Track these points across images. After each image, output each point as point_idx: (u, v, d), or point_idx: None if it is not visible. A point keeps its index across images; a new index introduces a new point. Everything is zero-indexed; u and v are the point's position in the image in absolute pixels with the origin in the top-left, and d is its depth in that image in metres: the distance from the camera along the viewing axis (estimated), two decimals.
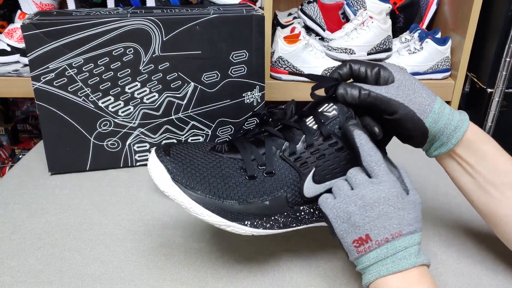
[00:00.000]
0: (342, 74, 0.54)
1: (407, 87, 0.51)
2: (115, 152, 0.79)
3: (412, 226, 0.46)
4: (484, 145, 0.52)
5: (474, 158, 0.52)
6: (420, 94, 0.51)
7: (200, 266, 0.57)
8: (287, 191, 0.51)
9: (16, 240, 0.61)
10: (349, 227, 0.46)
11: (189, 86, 0.77)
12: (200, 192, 0.49)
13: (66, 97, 0.73)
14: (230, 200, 0.50)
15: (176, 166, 0.50)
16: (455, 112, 0.52)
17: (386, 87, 0.51)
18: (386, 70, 0.53)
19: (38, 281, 0.54)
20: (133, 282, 0.54)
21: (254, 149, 0.52)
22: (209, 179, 0.50)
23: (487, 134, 0.53)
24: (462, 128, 0.51)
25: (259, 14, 0.75)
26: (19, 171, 0.79)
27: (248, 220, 0.50)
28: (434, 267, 0.57)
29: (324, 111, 0.52)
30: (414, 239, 0.46)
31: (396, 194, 0.46)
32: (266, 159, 0.51)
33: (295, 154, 0.51)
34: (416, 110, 0.50)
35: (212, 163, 0.51)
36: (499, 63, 1.13)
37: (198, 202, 0.48)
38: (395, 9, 1.21)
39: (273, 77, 1.11)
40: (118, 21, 0.70)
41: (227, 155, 0.53)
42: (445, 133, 0.52)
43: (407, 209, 0.46)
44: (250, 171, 0.51)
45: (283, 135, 0.53)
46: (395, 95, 0.50)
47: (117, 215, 0.67)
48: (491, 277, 0.56)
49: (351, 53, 1.09)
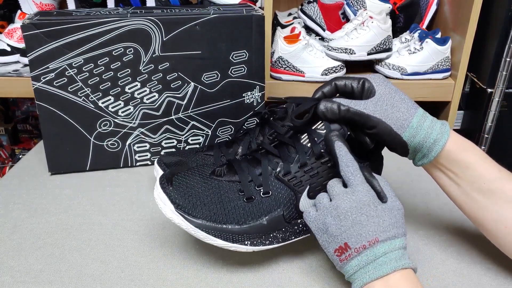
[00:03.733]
0: (325, 93, 0.56)
1: (385, 102, 0.52)
2: (115, 152, 0.79)
3: (389, 232, 0.46)
4: (466, 154, 0.53)
5: (457, 168, 0.53)
6: (398, 109, 0.52)
7: (201, 266, 0.57)
8: (283, 209, 0.54)
9: (16, 240, 0.61)
10: (328, 237, 0.48)
11: (189, 86, 0.77)
12: (201, 219, 0.52)
13: (66, 97, 0.73)
14: (229, 224, 0.53)
15: (179, 196, 0.53)
16: (436, 124, 0.53)
17: (365, 103, 0.52)
18: (369, 83, 0.54)
19: (38, 281, 0.54)
20: (133, 282, 0.54)
21: (251, 169, 0.55)
22: (209, 206, 0.53)
23: (470, 142, 0.54)
24: (442, 141, 0.52)
25: (259, 14, 0.75)
26: (19, 171, 0.79)
27: (248, 240, 0.53)
28: (434, 267, 0.57)
29: (318, 129, 0.54)
30: (394, 244, 0.46)
31: (368, 203, 0.47)
32: (263, 180, 0.54)
33: (289, 174, 0.54)
34: (393, 126, 0.52)
35: (211, 189, 0.54)
36: (499, 63, 1.13)
37: (200, 228, 0.52)
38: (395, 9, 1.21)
39: (273, 77, 1.11)
40: (118, 21, 0.70)
41: (226, 178, 0.55)
42: (424, 146, 0.53)
43: (382, 216, 0.47)
44: (248, 193, 0.54)
45: (279, 153, 0.55)
46: (373, 111, 0.52)
47: (117, 215, 0.67)
48: (491, 277, 0.56)
49: (351, 53, 1.09)
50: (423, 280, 0.55)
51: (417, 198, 0.73)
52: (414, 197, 0.73)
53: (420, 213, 0.69)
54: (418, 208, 0.70)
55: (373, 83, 0.54)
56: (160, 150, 0.81)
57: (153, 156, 0.81)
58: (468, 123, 1.25)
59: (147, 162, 0.81)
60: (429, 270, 0.57)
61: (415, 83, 1.12)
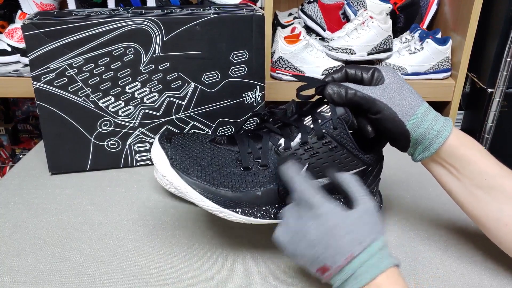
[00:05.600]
0: (335, 78, 0.57)
1: (393, 90, 0.53)
2: (116, 152, 0.79)
3: (364, 242, 0.45)
4: (468, 150, 0.53)
5: (459, 163, 0.53)
6: (405, 97, 0.53)
7: (201, 266, 0.57)
8: (280, 184, 0.53)
9: (16, 240, 0.61)
10: (306, 261, 0.48)
11: (189, 86, 0.77)
12: (196, 178, 0.51)
13: (67, 97, 0.73)
14: (223, 188, 0.52)
15: (176, 153, 0.52)
16: (440, 118, 0.53)
17: (373, 88, 0.53)
18: (379, 72, 0.55)
19: (38, 281, 0.54)
20: (133, 282, 0.54)
21: (252, 143, 0.55)
22: (205, 167, 0.53)
23: (472, 139, 0.54)
24: (444, 134, 0.52)
25: (259, 14, 0.75)
26: (19, 171, 0.79)
27: (239, 207, 0.52)
28: (435, 267, 0.57)
29: (322, 111, 0.55)
30: (371, 251, 0.45)
31: (335, 223, 0.46)
32: (262, 153, 0.54)
33: (289, 149, 0.53)
34: (398, 112, 0.52)
35: (210, 153, 0.54)
36: (499, 63, 1.13)
37: (193, 187, 0.51)
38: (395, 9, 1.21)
39: (274, 77, 1.11)
40: (119, 21, 0.70)
41: (225, 146, 0.55)
42: (427, 138, 0.53)
43: (354, 229, 0.46)
44: (245, 163, 0.53)
45: (281, 132, 0.55)
46: (380, 96, 0.52)
47: (118, 215, 0.67)
48: (491, 277, 0.56)
49: (352, 53, 1.09)
50: (423, 280, 0.55)
51: (417, 198, 0.73)
52: (414, 197, 0.73)
53: (420, 213, 0.69)
54: (418, 208, 0.70)
55: (383, 72, 0.55)
56: None
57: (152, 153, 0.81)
58: (469, 123, 1.25)
59: (148, 162, 0.81)
60: (429, 270, 0.57)
61: (416, 83, 1.11)
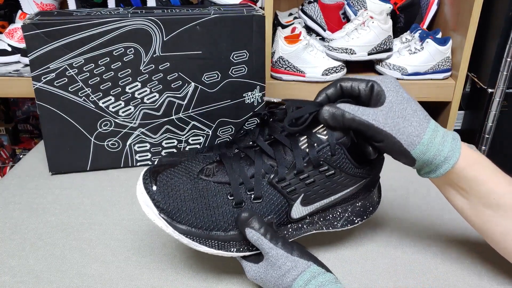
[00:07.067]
0: (329, 95, 0.52)
1: (396, 114, 0.48)
2: (116, 152, 0.79)
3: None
4: (477, 170, 0.50)
5: (467, 184, 0.50)
6: (410, 123, 0.48)
7: (201, 266, 0.57)
8: (274, 216, 0.51)
9: (16, 240, 0.61)
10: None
11: (189, 86, 0.77)
12: (186, 226, 0.50)
13: (67, 97, 0.73)
14: (215, 231, 0.50)
15: (163, 200, 0.50)
16: (447, 139, 0.49)
17: (374, 112, 0.48)
18: (378, 87, 0.50)
19: (38, 281, 0.54)
20: (133, 282, 0.54)
21: (243, 170, 0.51)
22: (195, 212, 0.50)
23: (480, 155, 0.52)
24: (452, 159, 0.49)
25: (259, 14, 0.75)
26: (19, 171, 0.79)
27: (234, 247, 0.51)
28: (434, 267, 0.57)
29: (318, 133, 0.50)
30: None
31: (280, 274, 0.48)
32: (255, 183, 0.50)
33: (284, 180, 0.50)
34: (404, 142, 0.48)
35: (199, 192, 0.51)
36: (499, 63, 1.13)
37: (185, 235, 0.50)
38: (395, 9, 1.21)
39: (274, 77, 1.11)
40: (119, 21, 0.70)
41: (215, 179, 0.52)
42: (433, 163, 0.49)
43: (288, 277, 0.47)
44: (237, 197, 0.50)
45: (274, 154, 0.51)
46: (383, 123, 0.47)
47: (118, 215, 0.67)
48: (491, 277, 0.56)
49: (352, 53, 1.09)
50: (423, 280, 0.55)
51: (417, 199, 0.73)
52: (414, 198, 0.73)
53: (421, 214, 0.69)
54: (418, 209, 0.70)
55: (383, 87, 0.49)
56: (160, 150, 0.81)
57: (153, 156, 0.81)
58: (469, 123, 1.25)
59: (148, 162, 0.81)
60: (429, 271, 0.57)
61: (416, 83, 1.11)
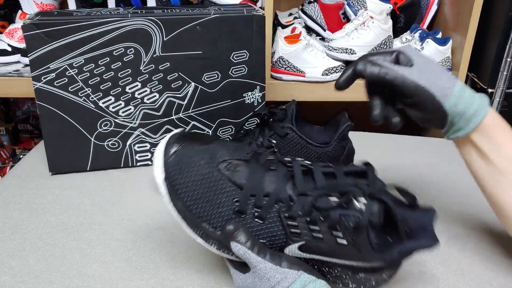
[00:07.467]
0: (357, 70, 0.54)
1: (428, 70, 0.51)
2: (116, 152, 0.79)
3: None
4: (499, 132, 0.52)
5: (488, 146, 0.52)
6: (441, 77, 0.51)
7: (202, 266, 0.57)
8: (267, 243, 0.49)
9: (16, 240, 0.61)
10: None
11: (189, 86, 0.77)
12: (183, 203, 0.49)
13: (67, 97, 0.73)
14: (206, 224, 0.49)
15: (174, 171, 0.50)
16: (475, 96, 0.52)
17: (409, 70, 0.51)
18: (404, 55, 0.53)
19: (38, 281, 0.54)
20: (133, 282, 0.54)
21: (262, 185, 0.49)
22: (197, 199, 0.49)
23: (504, 120, 0.53)
24: (482, 113, 0.51)
25: (259, 14, 0.75)
26: (19, 171, 0.79)
27: (215, 245, 0.50)
28: (434, 267, 0.57)
29: (357, 199, 0.47)
30: None
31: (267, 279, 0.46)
32: (265, 205, 0.48)
33: (293, 220, 0.48)
34: (437, 93, 0.50)
35: (210, 183, 0.49)
36: (499, 63, 1.13)
37: (178, 211, 0.50)
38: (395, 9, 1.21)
39: (274, 77, 1.11)
40: (119, 21, 0.70)
41: (232, 177, 0.50)
42: (463, 117, 0.51)
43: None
44: (242, 206, 0.49)
45: (300, 184, 0.49)
46: (418, 77, 0.50)
47: (118, 215, 0.67)
48: (491, 277, 0.56)
49: (352, 53, 1.09)
50: (423, 280, 0.55)
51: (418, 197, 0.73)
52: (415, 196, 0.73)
53: None
54: None
55: (409, 54, 0.52)
56: None
57: (153, 156, 0.81)
58: None
59: (148, 162, 0.81)
60: (429, 270, 0.57)
61: None
